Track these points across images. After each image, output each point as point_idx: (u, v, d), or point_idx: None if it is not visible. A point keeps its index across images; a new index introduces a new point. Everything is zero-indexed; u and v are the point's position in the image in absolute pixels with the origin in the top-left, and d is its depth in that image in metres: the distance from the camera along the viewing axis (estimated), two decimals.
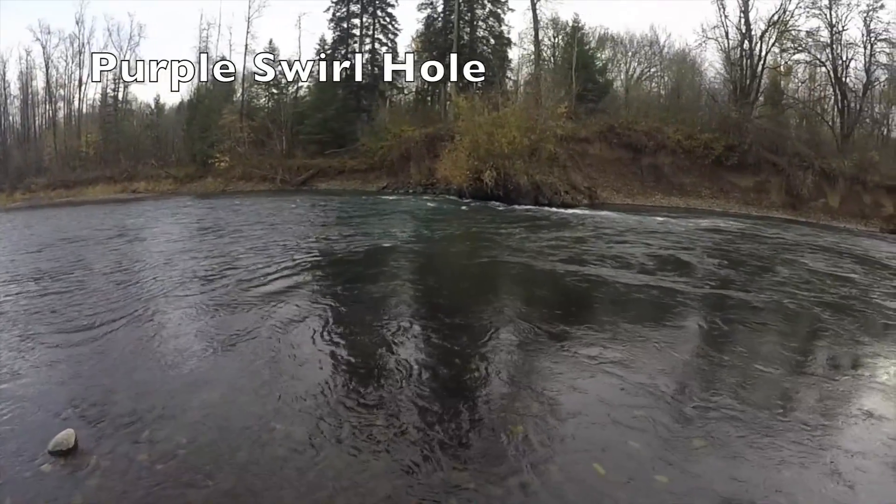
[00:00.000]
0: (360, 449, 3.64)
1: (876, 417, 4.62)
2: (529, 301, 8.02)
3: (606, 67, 32.22)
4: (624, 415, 4.36)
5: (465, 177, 23.50)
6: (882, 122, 32.54)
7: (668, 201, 23.94)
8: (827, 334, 7.00)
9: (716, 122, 26.01)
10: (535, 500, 3.28)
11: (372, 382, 4.70)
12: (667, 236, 14.46)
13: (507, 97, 25.77)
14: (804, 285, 9.82)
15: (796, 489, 3.61)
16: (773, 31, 28.41)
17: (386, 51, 33.94)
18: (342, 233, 13.13)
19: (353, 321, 6.31)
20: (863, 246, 17.31)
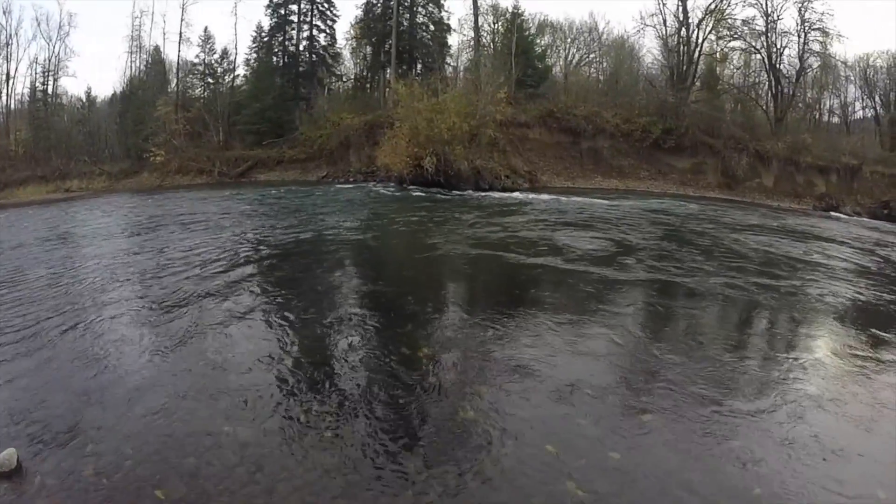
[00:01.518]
0: (311, 446, 3.57)
1: (811, 384, 4.83)
2: (473, 287, 8.04)
3: (546, 53, 32.61)
4: (572, 394, 4.40)
5: (406, 164, 23.21)
6: (814, 106, 34.27)
7: (608, 183, 24.43)
8: (766, 309, 7.23)
9: (653, 107, 26.79)
10: (489, 485, 3.29)
11: (319, 377, 4.59)
12: (607, 218, 14.72)
13: (447, 83, 25.70)
14: (744, 263, 10.11)
15: (743, 457, 3.68)
16: (709, 19, 29.48)
17: (324, 37, 33.22)
18: (281, 225, 12.72)
19: (296, 316, 6.10)
20: (798, 222, 18.20)
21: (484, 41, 31.35)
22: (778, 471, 3.55)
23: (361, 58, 33.44)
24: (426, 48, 30.28)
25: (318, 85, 32.19)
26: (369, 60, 32.75)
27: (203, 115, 34.04)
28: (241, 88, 35.06)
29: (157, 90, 35.42)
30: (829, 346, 5.93)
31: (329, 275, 8.14)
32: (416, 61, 31.13)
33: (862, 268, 10.75)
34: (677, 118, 25.68)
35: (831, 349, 5.77)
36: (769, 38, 30.20)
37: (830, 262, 10.83)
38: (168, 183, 31.27)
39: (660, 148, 25.34)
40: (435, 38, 31.08)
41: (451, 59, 33.00)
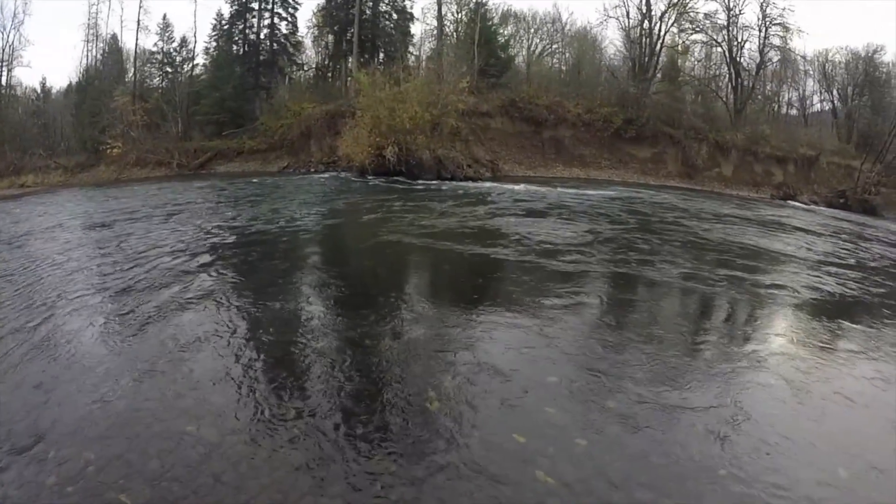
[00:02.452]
0: (277, 444, 3.51)
1: (772, 369, 4.95)
2: (434, 278, 7.96)
3: (509, 43, 32.66)
4: (538, 383, 4.41)
5: (367, 154, 23.08)
6: (773, 98, 35.38)
7: (569, 172, 24.74)
8: (726, 299, 7.32)
9: (615, 97, 27.27)
10: (458, 475, 3.27)
11: (282, 372, 4.50)
12: (568, 207, 14.87)
13: (409, 72, 25.60)
14: (703, 251, 10.32)
15: (708, 439, 3.78)
16: (672, 12, 30.19)
17: (286, 25, 32.73)
18: (241, 218, 12.43)
19: (258, 311, 5.97)
20: (756, 211, 18.73)
21: (447, 30, 31.44)
22: (743, 451, 3.66)
23: (323, 46, 33.10)
24: (389, 37, 30.11)
25: (278, 74, 31.76)
26: (331, 49, 32.39)
27: (161, 106, 33.21)
28: (201, 78, 34.28)
29: (115, 80, 34.40)
30: (789, 333, 6.10)
31: (290, 268, 8.05)
32: (378, 50, 30.92)
33: (820, 256, 11.10)
34: (638, 108, 26.21)
35: (790, 337, 5.94)
36: (730, 31, 31.19)
37: (788, 250, 11.20)
38: (126, 176, 30.39)
39: (621, 137, 25.82)
40: (398, 27, 30.94)
41: (413, 48, 33.09)
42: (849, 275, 9.37)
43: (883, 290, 8.56)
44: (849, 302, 7.67)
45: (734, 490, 3.30)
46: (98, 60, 36.07)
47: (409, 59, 29.72)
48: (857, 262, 10.98)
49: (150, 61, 35.99)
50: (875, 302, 7.79)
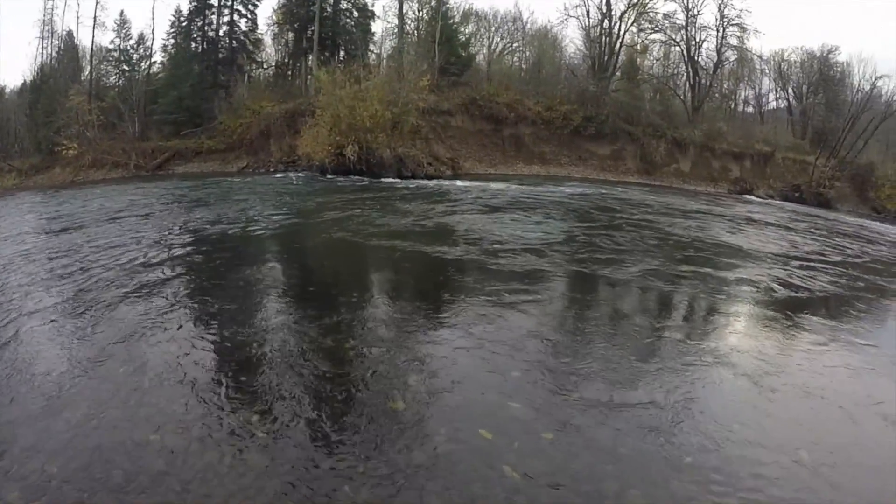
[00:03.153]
0: (242, 449, 3.45)
1: (734, 355, 5.15)
2: (395, 277, 7.93)
3: (470, 42, 33.00)
4: (501, 379, 4.43)
5: (328, 152, 22.97)
6: (730, 96, 36.59)
7: (529, 169, 25.10)
8: (685, 290, 7.52)
9: (575, 95, 27.79)
10: (426, 474, 3.27)
11: (245, 377, 4.42)
12: (527, 204, 15.06)
13: (370, 70, 25.49)
14: (662, 245, 10.54)
15: (672, 428, 3.87)
16: (632, 12, 30.89)
17: (245, 22, 32.30)
18: (198, 220, 12.06)
19: (217, 313, 5.88)
20: (712, 205, 19.28)
21: (408, 28, 31.49)
22: (707, 439, 3.75)
23: (283, 44, 32.79)
24: (349, 35, 29.99)
25: (237, 72, 31.30)
26: (291, 47, 32.15)
27: (118, 105, 32.43)
28: (158, 76, 33.59)
29: (70, 79, 33.45)
30: (749, 326, 6.32)
31: (249, 270, 7.85)
32: (338, 48, 30.79)
33: (777, 249, 11.47)
34: (598, 106, 26.78)
35: (750, 329, 6.16)
36: (689, 31, 32.16)
37: (745, 244, 11.57)
38: (82, 178, 29.57)
39: (580, 135, 26.33)
40: (358, 25, 30.84)
41: (374, 46, 32.99)
42: (806, 267, 9.71)
43: (840, 281, 8.91)
44: (806, 294, 7.91)
45: (700, 476, 3.39)
46: (53, 58, 35.14)
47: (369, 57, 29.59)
48: (814, 254, 11.39)
49: (107, 59, 35.15)
50: (832, 293, 8.08)
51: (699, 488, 3.28)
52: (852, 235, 16.52)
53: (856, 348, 5.79)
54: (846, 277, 9.28)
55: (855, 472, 3.65)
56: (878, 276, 10.00)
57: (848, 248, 12.85)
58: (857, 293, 8.30)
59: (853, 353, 5.66)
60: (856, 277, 9.43)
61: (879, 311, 8.06)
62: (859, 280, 9.23)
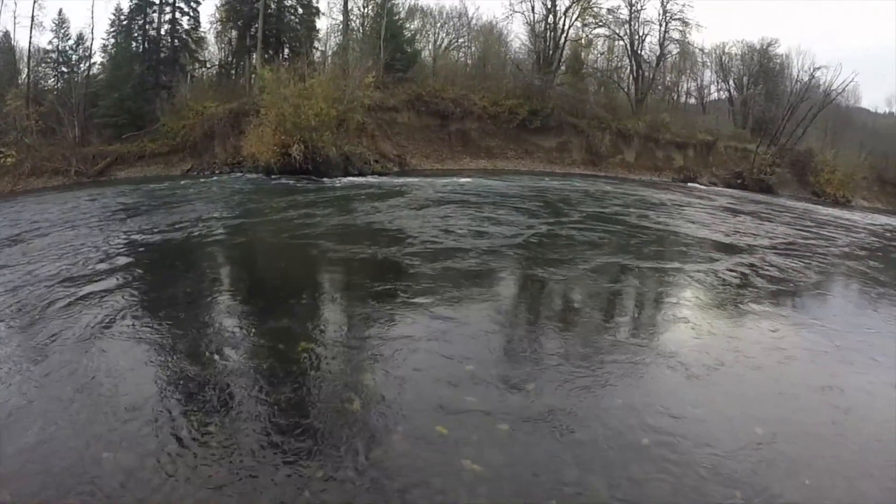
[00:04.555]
0: (200, 461, 3.41)
1: (682, 341, 5.41)
2: (346, 276, 7.96)
3: (415, 38, 33.28)
4: (455, 373, 4.52)
5: (273, 152, 22.81)
6: (673, 88, 37.94)
7: (476, 164, 25.60)
8: (635, 278, 7.84)
9: (520, 90, 28.49)
10: (387, 473, 3.30)
11: (197, 387, 4.35)
12: (475, 197, 15.40)
13: (314, 68, 25.41)
14: (613, 232, 10.95)
15: (627, 411, 4.03)
16: (576, 7, 31.78)
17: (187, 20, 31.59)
18: (143, 228, 11.67)
19: (166, 324, 5.74)
20: (658, 193, 20.09)
21: (353, 25, 31.52)
22: (663, 421, 3.90)
23: (226, 42, 32.20)
24: (294, 32, 29.77)
25: (180, 72, 30.63)
26: (234, 45, 31.65)
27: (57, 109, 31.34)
28: (98, 77, 32.56)
29: (7, 82, 32.08)
30: (696, 309, 6.64)
31: (195, 277, 7.82)
32: (283, 46, 30.51)
33: (721, 235, 12.12)
34: (543, 100, 27.51)
35: (697, 313, 6.48)
36: (632, 26, 33.44)
37: (691, 230, 12.23)
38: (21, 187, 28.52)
39: (526, 128, 27.01)
40: (303, 22, 30.61)
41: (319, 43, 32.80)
42: (751, 252, 10.26)
43: (785, 263, 9.49)
44: (756, 278, 8.36)
45: (658, 456, 3.53)
46: None
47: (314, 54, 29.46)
48: (760, 238, 12.08)
49: (45, 60, 33.84)
50: (779, 276, 8.59)
51: (658, 469, 3.41)
52: (794, 219, 17.59)
53: (802, 328, 6.23)
54: (791, 260, 9.88)
55: (808, 442, 3.88)
56: (822, 259, 10.64)
57: (792, 232, 13.70)
58: (803, 275, 8.89)
59: (799, 332, 6.08)
60: (801, 259, 10.05)
61: (824, 291, 8.59)
62: (804, 262, 9.82)
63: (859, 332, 6.35)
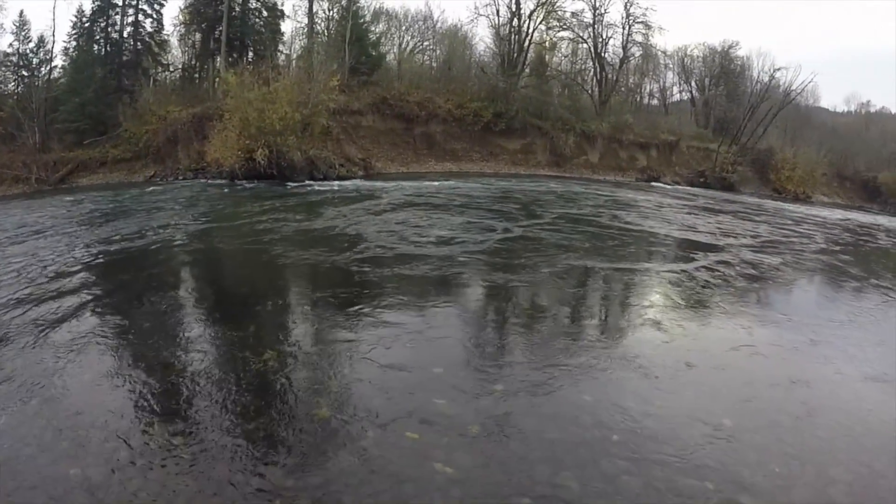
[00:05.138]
0: (168, 474, 3.35)
1: (649, 340, 5.50)
2: (311, 283, 7.92)
3: (380, 41, 33.40)
4: (424, 377, 4.55)
5: (237, 157, 22.63)
6: (635, 90, 38.78)
7: (442, 167, 25.84)
8: (600, 277, 7.99)
9: (485, 92, 28.87)
10: (358, 480, 3.28)
11: (164, 398, 4.28)
12: (440, 200, 15.54)
13: (279, 72, 25.25)
14: (581, 232, 11.13)
15: (596, 409, 4.10)
16: (540, 10, 32.35)
17: (151, 23, 31.13)
18: (105, 238, 11.26)
19: (131, 335, 5.67)
20: (621, 192, 20.74)
21: (318, 28, 31.48)
22: (632, 417, 3.98)
23: (190, 45, 31.80)
24: (258, 35, 29.59)
25: (142, 76, 30.16)
26: (198, 48, 31.30)
27: (17, 114, 30.59)
28: (60, 81, 31.88)
29: None
30: (660, 308, 6.77)
31: (160, 285, 7.66)
32: (247, 49, 30.29)
33: (687, 231, 12.48)
34: (508, 102, 27.94)
35: (661, 311, 6.60)
36: (596, 29, 34.25)
37: (656, 228, 12.53)
38: None
39: (491, 131, 27.41)
40: (267, 25, 30.41)
41: (283, 46, 32.70)
42: (718, 247, 10.59)
43: (752, 258, 9.79)
44: (721, 274, 8.57)
45: (629, 452, 3.60)
46: None
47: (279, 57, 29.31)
48: (725, 235, 12.47)
49: (5, 64, 32.97)
50: (745, 272, 8.83)
51: (629, 464, 3.48)
52: (758, 215, 18.21)
53: (772, 324, 6.43)
54: (760, 256, 10.20)
55: (776, 432, 3.99)
56: (790, 254, 11.06)
57: (758, 228, 14.22)
58: (772, 271, 9.22)
59: (770, 328, 6.27)
60: (769, 255, 10.41)
61: (794, 286, 8.94)
62: (773, 258, 10.18)
63: (830, 325, 6.62)
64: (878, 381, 5.10)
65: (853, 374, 5.21)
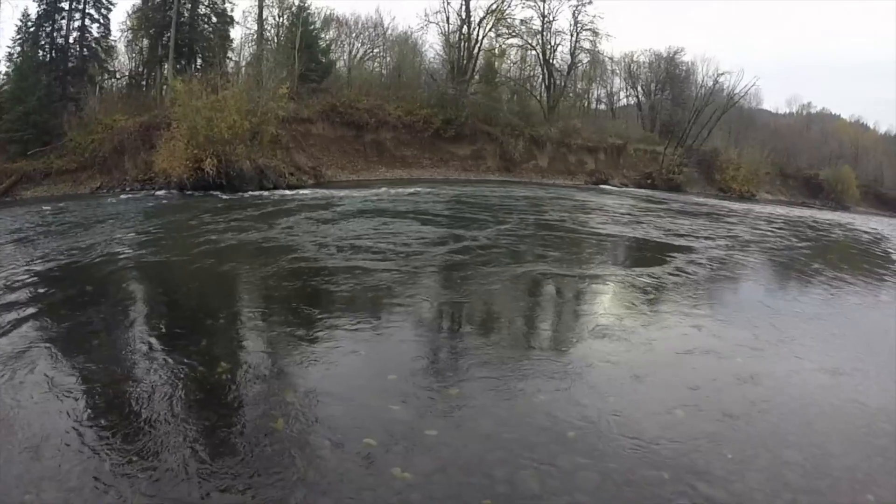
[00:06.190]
0: (124, 496, 3.23)
1: (600, 340, 5.60)
2: (265, 295, 7.76)
3: (330, 48, 33.43)
4: (378, 384, 4.54)
5: (185, 167, 22.20)
6: (583, 95, 39.87)
7: (392, 174, 26.06)
8: (552, 278, 8.11)
9: (435, 99, 29.25)
10: (316, 491, 3.25)
11: (117, 419, 4.13)
12: (389, 207, 15.68)
13: (228, 79, 25.02)
14: (529, 239, 11.28)
15: (551, 407, 4.17)
16: (490, 17, 32.81)
17: (97, 28, 30.36)
18: (47, 254, 10.59)
19: (80, 355, 5.41)
20: (572, 195, 21.39)
21: (268, 35, 31.31)
22: (587, 413, 4.07)
23: (137, 52, 31.09)
24: (207, 41, 29.18)
25: (89, 83, 29.37)
26: (146, 55, 30.65)
27: None
28: (2, 89, 30.81)
29: None
30: (613, 308, 6.94)
31: (109, 301, 7.48)
32: (196, 55, 29.82)
33: (635, 231, 12.91)
34: (457, 109, 28.35)
35: (615, 311, 6.77)
36: (545, 36, 35.10)
37: (608, 228, 12.94)
38: None
39: (441, 137, 27.84)
40: (216, 31, 30.00)
41: (233, 53, 32.29)
42: (670, 246, 10.90)
43: (703, 257, 10.15)
44: (669, 272, 8.84)
45: (585, 448, 3.68)
46: None
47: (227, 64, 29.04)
48: (673, 234, 12.93)
49: None
50: (698, 271, 9.13)
51: (586, 459, 3.55)
52: (706, 214, 19.05)
53: (716, 318, 6.70)
54: (713, 251, 10.63)
55: (728, 421, 4.14)
56: (742, 250, 11.54)
57: (708, 225, 14.98)
58: (726, 268, 9.63)
59: (715, 322, 6.53)
60: (722, 251, 10.86)
61: (733, 281, 9.29)
62: (725, 254, 10.61)
63: (784, 319, 6.93)
64: (830, 370, 5.34)
65: (806, 365, 5.43)
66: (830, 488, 3.56)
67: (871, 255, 14.73)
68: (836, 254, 14.54)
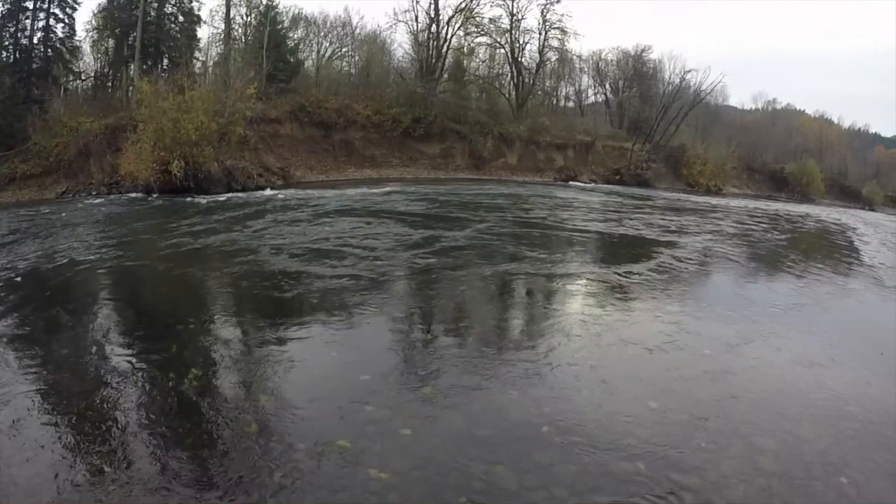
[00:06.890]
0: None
1: (571, 335, 5.66)
2: (235, 299, 7.76)
3: (298, 47, 33.36)
4: (351, 384, 4.56)
5: (152, 170, 21.85)
6: (552, 93, 40.31)
7: (362, 174, 26.12)
8: (524, 277, 8.16)
9: (403, 98, 29.34)
10: (291, 495, 3.23)
11: (88, 427, 4.06)
12: (357, 207, 15.67)
13: (195, 79, 24.74)
14: (501, 235, 11.37)
15: (524, 402, 4.22)
16: (459, 16, 33.06)
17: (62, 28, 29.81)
18: (12, 261, 10.27)
19: (50, 361, 5.33)
20: (541, 192, 21.79)
21: (235, 34, 31.19)
22: (560, 408, 4.14)
23: (103, 52, 30.57)
24: (174, 41, 28.86)
25: (53, 85, 28.81)
26: (111, 55, 30.16)
27: None
28: None
29: None
30: (583, 304, 7.05)
31: (78, 308, 7.40)
32: (162, 56, 29.48)
33: (604, 226, 13.15)
34: (426, 108, 28.57)
35: (585, 307, 6.87)
36: (513, 34, 35.37)
37: (578, 225, 13.09)
38: None
39: (410, 136, 27.99)
40: (183, 31, 29.69)
41: (200, 53, 31.98)
42: (642, 241, 11.17)
43: (676, 250, 10.34)
44: (639, 264, 9.06)
45: (560, 441, 3.72)
46: None
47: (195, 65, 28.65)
48: (641, 228, 13.19)
49: None
50: (671, 265, 9.33)
51: (561, 453, 3.61)
52: (669, 208, 19.43)
53: (688, 312, 6.79)
54: (686, 243, 10.90)
55: (701, 410, 4.23)
56: (713, 244, 11.78)
57: (677, 219, 15.29)
58: (699, 262, 9.83)
59: (687, 315, 6.62)
60: (694, 244, 11.10)
61: (703, 273, 9.50)
62: (698, 247, 10.82)
63: (756, 310, 7.12)
64: (802, 358, 5.54)
65: (779, 354, 5.61)
66: (804, 472, 3.65)
67: (836, 246, 15.23)
68: (805, 244, 15.11)
